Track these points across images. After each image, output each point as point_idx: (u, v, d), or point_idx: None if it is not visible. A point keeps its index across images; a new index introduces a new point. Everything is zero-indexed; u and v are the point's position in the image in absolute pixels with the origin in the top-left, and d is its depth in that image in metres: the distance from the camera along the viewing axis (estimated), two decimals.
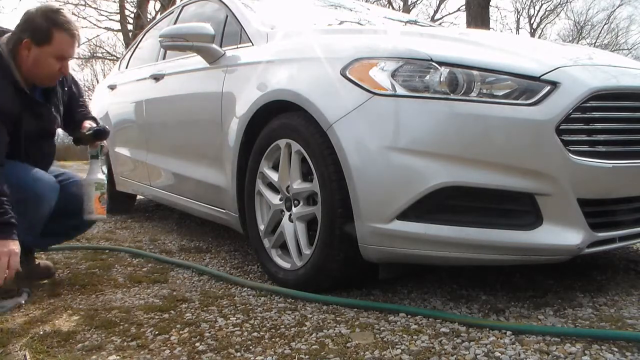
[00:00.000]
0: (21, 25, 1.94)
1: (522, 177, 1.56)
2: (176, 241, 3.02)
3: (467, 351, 1.38)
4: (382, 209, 1.64)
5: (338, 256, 1.79)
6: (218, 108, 2.40)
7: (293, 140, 1.93)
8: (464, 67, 1.64)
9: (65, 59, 1.98)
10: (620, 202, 1.72)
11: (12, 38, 1.95)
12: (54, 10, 1.95)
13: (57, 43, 1.93)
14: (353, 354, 1.39)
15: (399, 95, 1.65)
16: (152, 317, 1.73)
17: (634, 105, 1.73)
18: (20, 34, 1.93)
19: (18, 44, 1.92)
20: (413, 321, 1.60)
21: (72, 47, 1.98)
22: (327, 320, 1.64)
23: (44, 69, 1.95)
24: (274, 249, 2.08)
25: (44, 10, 1.93)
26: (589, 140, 1.63)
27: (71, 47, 1.98)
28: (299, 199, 1.95)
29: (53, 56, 1.94)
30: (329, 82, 1.82)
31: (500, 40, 2.15)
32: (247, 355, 1.42)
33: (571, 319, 1.60)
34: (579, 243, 1.58)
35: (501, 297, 1.82)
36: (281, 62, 2.15)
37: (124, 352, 1.46)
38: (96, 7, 19.20)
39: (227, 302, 1.86)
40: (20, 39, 1.92)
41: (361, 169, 1.67)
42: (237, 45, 2.53)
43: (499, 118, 1.57)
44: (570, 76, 1.63)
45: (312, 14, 2.94)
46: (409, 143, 1.62)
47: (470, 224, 1.59)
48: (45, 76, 1.99)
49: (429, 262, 1.76)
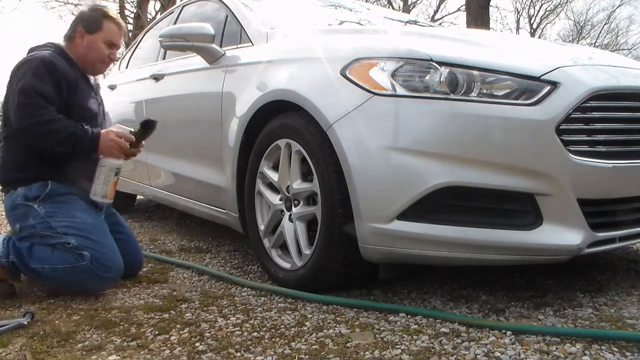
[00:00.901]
0: (75, 20, 2.21)
1: (522, 177, 1.56)
2: (176, 241, 3.02)
3: (467, 351, 1.38)
4: (382, 209, 1.64)
5: (338, 256, 1.79)
6: (218, 108, 2.40)
7: (293, 140, 1.93)
8: (464, 67, 1.64)
9: (114, 47, 2.21)
10: (620, 202, 1.72)
11: (67, 33, 2.19)
12: (103, 6, 2.26)
13: (107, 30, 2.18)
14: (353, 354, 1.39)
15: (399, 95, 1.65)
16: (152, 317, 1.73)
17: (634, 105, 1.73)
18: (74, 27, 2.18)
19: (73, 34, 2.17)
20: (413, 321, 1.60)
21: (120, 36, 2.23)
22: (327, 320, 1.64)
23: (95, 53, 2.17)
24: (274, 249, 2.08)
25: (94, 6, 2.22)
26: (589, 140, 1.63)
27: (119, 36, 2.22)
28: (299, 199, 1.95)
29: (103, 42, 2.17)
30: (329, 82, 1.82)
31: (500, 40, 2.16)
32: (247, 355, 1.42)
33: (571, 319, 1.60)
34: (579, 243, 1.58)
35: (501, 297, 1.82)
36: (281, 62, 2.15)
37: (124, 352, 1.46)
38: None
39: (227, 302, 1.86)
40: (74, 30, 2.17)
41: (361, 169, 1.67)
42: (237, 45, 2.53)
43: (499, 118, 1.57)
44: (570, 76, 1.63)
45: (312, 14, 2.93)
46: (409, 143, 1.62)
47: (470, 224, 1.59)
48: (96, 60, 2.19)
49: (429, 262, 1.76)
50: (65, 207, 2.01)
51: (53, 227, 1.96)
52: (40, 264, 1.94)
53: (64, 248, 1.93)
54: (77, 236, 1.94)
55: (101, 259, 1.94)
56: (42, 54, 2.04)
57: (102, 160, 2.06)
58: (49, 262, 1.93)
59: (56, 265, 1.93)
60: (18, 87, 1.96)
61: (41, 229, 1.96)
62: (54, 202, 2.01)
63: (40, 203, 1.99)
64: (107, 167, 2.06)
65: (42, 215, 1.97)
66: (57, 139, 1.95)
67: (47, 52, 2.06)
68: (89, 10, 2.20)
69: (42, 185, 2.01)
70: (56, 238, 1.94)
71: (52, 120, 1.95)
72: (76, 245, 1.92)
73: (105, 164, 2.06)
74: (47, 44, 2.18)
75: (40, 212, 1.98)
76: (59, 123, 1.95)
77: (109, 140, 2.03)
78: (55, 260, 1.93)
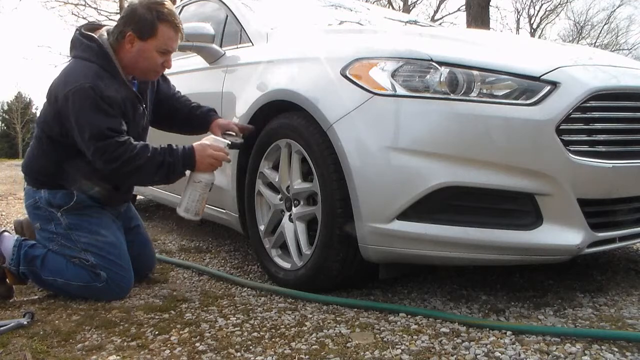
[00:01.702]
0: (124, 18, 1.91)
1: (522, 177, 1.56)
2: (176, 241, 3.02)
3: (467, 351, 1.38)
4: (382, 209, 1.64)
5: (338, 256, 1.79)
6: (218, 108, 2.39)
7: (293, 140, 1.93)
8: (464, 67, 1.64)
9: (169, 53, 1.95)
10: (620, 202, 1.72)
11: (115, 31, 1.91)
12: (158, 2, 1.89)
13: (162, 36, 1.89)
14: (353, 354, 1.39)
15: (399, 95, 1.65)
16: (152, 317, 1.73)
17: (634, 105, 1.73)
18: (123, 27, 1.89)
19: (121, 37, 1.90)
20: (413, 321, 1.60)
21: (176, 40, 1.95)
22: (327, 320, 1.64)
23: (147, 63, 1.92)
24: (274, 249, 2.08)
25: (148, 2, 1.88)
26: (589, 140, 1.63)
27: (175, 40, 1.94)
28: (299, 199, 1.95)
29: (157, 50, 1.90)
30: (329, 82, 1.82)
31: (500, 40, 2.16)
32: (247, 355, 1.42)
33: (571, 319, 1.60)
34: (579, 243, 1.58)
35: (501, 297, 1.82)
36: (281, 62, 2.15)
37: (124, 352, 1.46)
38: (96, 7, 19.16)
39: (227, 302, 1.86)
40: (123, 32, 1.89)
41: (361, 169, 1.67)
42: (237, 45, 2.54)
43: (499, 118, 1.57)
44: (570, 76, 1.63)
45: (312, 14, 2.93)
46: (409, 143, 1.62)
47: (470, 224, 1.59)
48: (147, 70, 1.95)
49: (429, 262, 1.76)
50: (88, 220, 1.94)
51: (73, 241, 1.91)
52: (53, 276, 1.90)
53: (81, 264, 1.89)
54: (96, 255, 1.90)
55: (117, 279, 1.91)
56: (87, 77, 1.82)
57: (195, 176, 1.90)
58: (61, 275, 1.90)
59: (70, 282, 1.89)
60: (85, 133, 1.79)
61: (61, 239, 1.92)
62: (77, 214, 1.93)
63: (64, 213, 1.92)
64: (202, 184, 1.90)
65: (64, 226, 1.92)
66: (147, 173, 1.86)
67: (92, 73, 1.84)
68: (142, 8, 1.87)
69: (67, 195, 1.93)
70: (75, 252, 1.91)
71: (135, 156, 1.81)
72: (94, 264, 1.88)
73: (200, 179, 1.90)
74: (92, 46, 1.89)
75: (63, 223, 1.92)
76: (142, 156, 1.81)
77: (208, 157, 1.89)
78: (70, 275, 1.89)
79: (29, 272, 1.93)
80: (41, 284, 1.97)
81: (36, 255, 1.92)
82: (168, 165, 1.85)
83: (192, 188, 1.91)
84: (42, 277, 1.92)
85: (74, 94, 1.80)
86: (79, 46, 1.93)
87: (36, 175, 1.99)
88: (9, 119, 38.24)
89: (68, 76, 1.86)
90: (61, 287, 1.92)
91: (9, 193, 5.78)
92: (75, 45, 1.95)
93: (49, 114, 1.91)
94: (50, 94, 1.90)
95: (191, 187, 1.92)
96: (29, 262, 1.92)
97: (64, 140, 1.89)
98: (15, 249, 1.94)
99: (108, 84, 1.86)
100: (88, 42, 1.91)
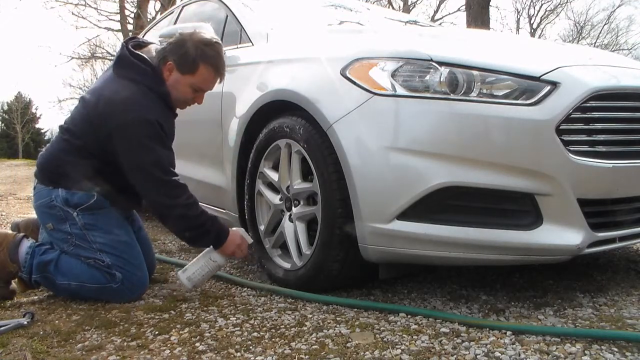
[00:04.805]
0: (172, 45, 1.92)
1: (522, 177, 1.56)
2: (176, 241, 3.02)
3: (467, 351, 1.38)
4: (382, 209, 1.64)
5: (338, 256, 1.79)
6: (218, 108, 2.40)
7: (293, 140, 1.93)
8: (464, 67, 1.64)
9: (203, 92, 2.00)
10: (620, 202, 1.72)
11: (160, 54, 1.94)
12: (207, 42, 1.91)
13: (200, 76, 1.92)
14: (353, 354, 1.39)
15: (399, 95, 1.65)
16: (152, 317, 1.73)
17: (634, 105, 1.73)
18: (167, 54, 1.92)
19: (163, 63, 1.93)
20: (413, 321, 1.60)
21: (214, 83, 1.99)
22: (327, 320, 1.64)
23: (179, 94, 1.96)
24: (274, 249, 2.08)
25: (198, 40, 1.90)
26: (589, 140, 1.63)
27: (213, 83, 1.98)
28: (299, 199, 1.95)
29: (191, 86, 1.94)
30: (329, 82, 1.82)
31: (500, 40, 2.16)
32: (247, 355, 1.42)
33: (571, 319, 1.60)
34: (579, 243, 1.58)
35: (501, 297, 1.82)
36: (281, 62, 2.15)
37: (124, 352, 1.46)
38: (96, 7, 19.20)
39: (227, 302, 1.86)
40: (165, 58, 1.92)
41: (361, 169, 1.67)
42: (237, 45, 2.54)
43: (499, 118, 1.57)
44: (570, 76, 1.63)
45: (312, 14, 2.94)
46: (409, 143, 1.62)
47: (470, 224, 1.59)
48: (177, 100, 1.98)
49: (429, 262, 1.76)
50: (103, 220, 1.92)
51: (89, 241, 1.88)
52: (67, 279, 1.88)
53: (96, 265, 1.87)
54: (111, 255, 1.88)
55: (132, 279, 1.89)
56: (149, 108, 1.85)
57: (214, 254, 1.95)
58: (76, 278, 1.88)
59: (85, 283, 1.87)
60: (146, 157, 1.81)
61: (76, 239, 1.89)
62: (93, 214, 1.91)
63: (80, 212, 1.89)
64: (216, 264, 1.96)
65: (80, 226, 1.89)
66: (185, 225, 1.88)
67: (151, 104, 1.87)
68: (190, 43, 1.88)
69: (87, 195, 1.90)
70: (90, 252, 1.88)
71: (188, 205, 1.85)
72: (110, 264, 1.86)
73: (217, 259, 1.95)
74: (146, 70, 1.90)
75: (79, 222, 1.89)
76: (193, 210, 1.86)
77: (235, 245, 1.93)
78: (85, 277, 1.87)
79: (42, 278, 1.90)
80: (55, 290, 1.95)
81: (49, 260, 1.89)
82: (204, 232, 1.89)
83: (205, 263, 1.96)
84: (56, 282, 1.89)
85: (138, 125, 1.82)
86: (129, 66, 1.92)
87: (57, 176, 1.92)
88: (9, 119, 38.24)
89: (126, 102, 1.84)
90: (76, 290, 1.89)
91: (9, 193, 5.78)
92: (124, 65, 1.93)
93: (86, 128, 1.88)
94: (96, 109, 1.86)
95: (205, 262, 1.96)
96: (42, 268, 1.89)
97: (96, 151, 1.89)
98: (28, 256, 1.91)
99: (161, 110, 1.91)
100: (141, 65, 1.91)
